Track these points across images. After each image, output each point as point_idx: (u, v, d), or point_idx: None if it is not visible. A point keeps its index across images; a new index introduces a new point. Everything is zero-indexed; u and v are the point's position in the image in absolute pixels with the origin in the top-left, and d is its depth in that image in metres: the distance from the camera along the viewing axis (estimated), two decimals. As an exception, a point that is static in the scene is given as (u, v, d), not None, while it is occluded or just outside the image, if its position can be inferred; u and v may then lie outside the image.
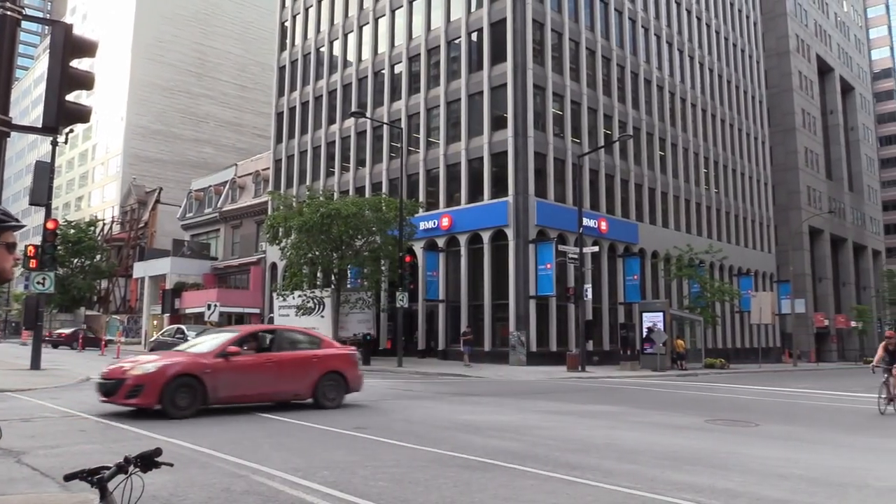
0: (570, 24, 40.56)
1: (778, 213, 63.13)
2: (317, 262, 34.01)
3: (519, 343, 34.48)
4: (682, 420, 13.04)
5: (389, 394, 17.29)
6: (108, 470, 2.75)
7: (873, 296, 78.05)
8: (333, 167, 46.77)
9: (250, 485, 6.54)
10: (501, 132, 37.11)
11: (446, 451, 8.46)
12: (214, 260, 57.28)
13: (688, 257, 42.58)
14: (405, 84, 42.62)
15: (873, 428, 12.83)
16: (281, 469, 7.19)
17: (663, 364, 33.24)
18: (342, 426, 10.67)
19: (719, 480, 7.12)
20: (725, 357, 43.01)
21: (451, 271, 38.72)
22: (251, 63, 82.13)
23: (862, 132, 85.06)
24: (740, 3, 60.49)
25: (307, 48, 50.64)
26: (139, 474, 2.81)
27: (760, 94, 61.94)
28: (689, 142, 50.06)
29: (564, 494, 6.35)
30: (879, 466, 8.37)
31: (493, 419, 12.25)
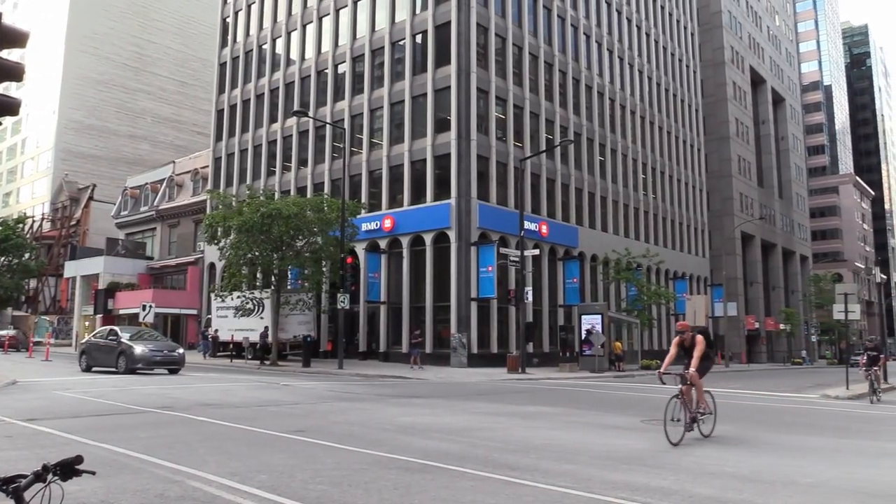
0: (513, 30, 40.96)
1: (712, 219, 64.95)
2: (256, 262, 33.49)
3: (460, 345, 34.61)
4: (619, 420, 13.31)
5: (329, 396, 17.16)
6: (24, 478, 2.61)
7: (801, 299, 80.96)
8: (275, 166, 46.17)
9: (185, 490, 6.41)
10: (445, 135, 37.22)
11: (386, 454, 8.45)
12: (150, 259, 55.90)
13: (626, 261, 43.42)
14: (349, 84, 42.37)
15: (801, 426, 13.32)
16: (217, 473, 7.06)
17: (601, 365, 33.83)
18: (281, 429, 10.54)
19: (653, 479, 7.29)
20: (661, 358, 43.89)
21: (393, 273, 38.64)
22: (191, 58, 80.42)
23: (791, 142, 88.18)
24: (679, 14, 62.11)
25: (249, 45, 49.88)
26: (59, 483, 2.71)
27: (697, 103, 63.67)
28: (627, 148, 51.10)
29: (503, 495, 6.41)
30: (805, 463, 8.69)
31: (433, 421, 12.28)
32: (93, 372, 24.19)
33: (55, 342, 48.31)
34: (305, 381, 22.58)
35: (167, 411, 12.70)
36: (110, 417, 11.93)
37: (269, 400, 15.66)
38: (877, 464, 9.02)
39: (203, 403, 14.26)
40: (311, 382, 22.19)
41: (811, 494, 6.85)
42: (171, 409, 12.96)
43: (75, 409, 12.96)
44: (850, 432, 12.63)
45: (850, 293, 25.70)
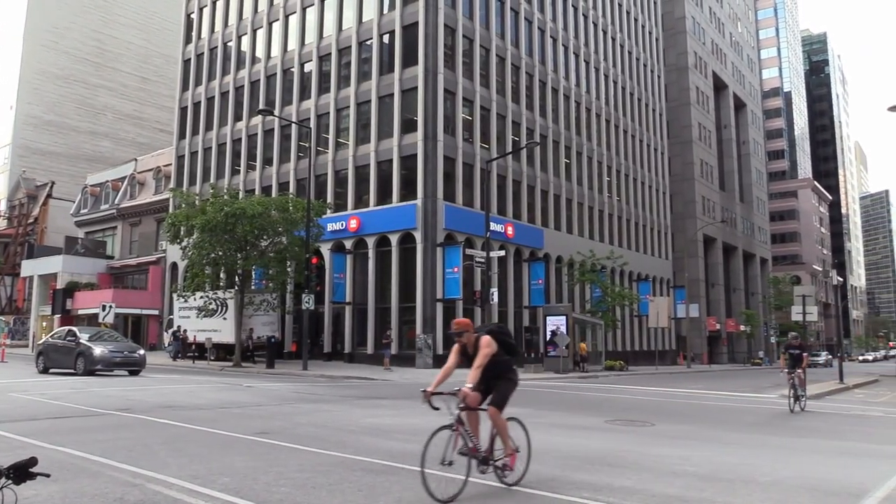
0: (481, 31, 41.08)
1: (675, 222, 65.87)
2: (220, 262, 33.07)
3: (426, 346, 34.60)
4: (583, 421, 13.41)
5: (293, 397, 17.02)
6: None
7: (760, 301, 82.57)
8: (239, 165, 45.69)
9: (145, 494, 6.30)
10: (411, 135, 37.18)
11: (351, 455, 8.40)
12: (111, 259, 54.90)
13: (590, 263, 43.83)
14: (315, 83, 42.11)
15: (760, 425, 13.56)
16: (178, 476, 6.95)
17: (566, 366, 34.07)
18: (244, 431, 10.43)
19: (617, 479, 7.36)
20: (624, 359, 44.54)
21: (359, 273, 38.49)
22: (154, 54, 79.14)
23: (752, 146, 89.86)
24: (643, 19, 62.87)
25: (214, 42, 49.29)
26: (12, 487, 2.64)
27: (661, 107, 64.51)
28: (592, 151, 51.58)
29: (468, 495, 6.41)
30: (764, 462, 8.86)
31: (398, 422, 12.25)
32: (50, 373, 23.67)
33: (11, 343, 47.18)
34: (269, 383, 22.37)
35: (127, 413, 12.48)
36: (68, 420, 11.68)
37: (232, 401, 15.48)
38: (833, 462, 9.22)
39: (164, 405, 14.04)
40: (274, 384, 21.99)
41: (769, 493, 6.97)
42: (131, 412, 12.74)
43: (32, 412, 12.67)
44: (808, 431, 12.88)
45: (807, 295, 26.28)
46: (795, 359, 16.41)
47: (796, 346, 16.78)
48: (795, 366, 16.28)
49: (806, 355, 16.69)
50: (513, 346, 7.03)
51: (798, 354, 16.51)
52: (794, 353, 16.53)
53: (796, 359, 16.41)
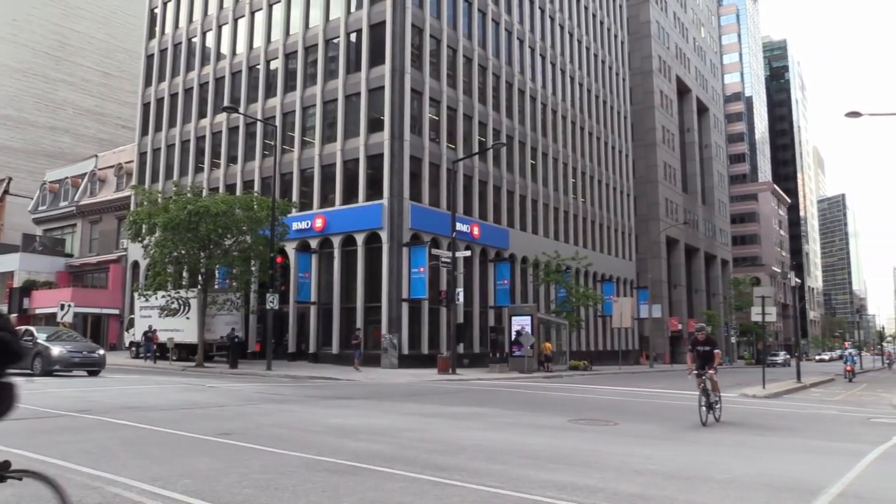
0: (448, 31, 41.13)
1: (638, 223, 66.63)
2: (182, 261, 32.63)
3: (391, 346, 34.54)
4: (548, 420, 13.51)
5: (257, 398, 16.87)
6: None
7: (721, 302, 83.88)
8: (203, 163, 45.13)
9: (104, 497, 6.20)
10: (378, 135, 37.09)
11: (315, 456, 8.35)
12: (70, 257, 53.85)
13: (555, 263, 44.13)
14: (281, 81, 41.77)
15: (721, 424, 13.78)
16: (139, 479, 6.85)
17: (531, 366, 34.27)
18: (206, 432, 10.31)
19: (580, 478, 7.43)
20: (588, 359, 44.92)
21: (324, 273, 38.28)
22: (116, 49, 77.71)
23: (714, 150, 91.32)
24: (609, 22, 63.51)
25: (178, 37, 48.61)
26: None
27: (625, 110, 65.23)
28: (558, 152, 51.96)
29: (432, 496, 6.43)
30: (723, 460, 9.02)
31: (362, 422, 12.22)
32: (6, 374, 23.09)
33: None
34: (232, 383, 22.14)
35: (86, 415, 12.26)
36: (24, 422, 11.42)
37: (194, 402, 15.30)
38: (789, 459, 9.42)
39: (125, 406, 13.82)
40: (238, 384, 21.77)
41: (728, 490, 7.10)
42: (90, 413, 12.51)
43: (-14, 413, 12.35)
44: (767, 429, 13.15)
45: (766, 296, 26.79)
46: (705, 357, 13.48)
47: (703, 342, 13.71)
48: (705, 366, 13.32)
49: (718, 353, 13.65)
50: None
51: (708, 352, 13.52)
52: (703, 351, 13.57)
53: (706, 357, 13.49)
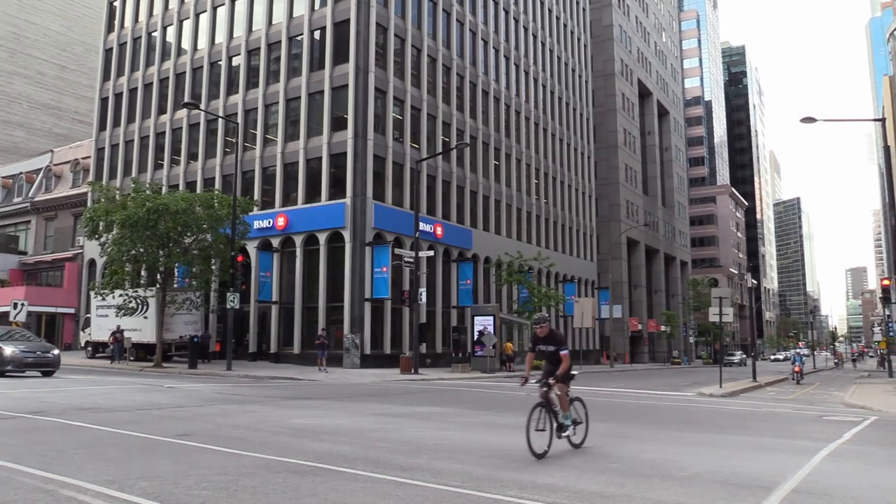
0: (412, 31, 41.10)
1: (600, 225, 67.34)
2: (141, 259, 32.04)
3: (353, 345, 34.40)
4: (509, 420, 13.57)
5: (216, 398, 16.67)
6: None
7: (680, 303, 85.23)
8: (163, 159, 44.42)
9: (58, 500, 6.07)
10: (341, 133, 36.91)
11: (275, 457, 8.28)
12: (23, 254, 52.57)
13: (518, 264, 44.38)
14: (243, 78, 41.32)
15: (679, 423, 14.02)
16: (94, 482, 6.71)
17: (492, 366, 34.43)
18: (164, 433, 10.16)
19: (541, 476, 7.49)
20: (550, 359, 45.18)
21: (286, 272, 37.97)
22: (74, 42, 76.06)
23: (674, 153, 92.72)
24: (573, 25, 64.10)
25: (138, 32, 47.76)
26: None
27: (588, 112, 65.88)
28: (521, 153, 52.27)
29: (395, 496, 6.42)
30: (681, 458, 9.17)
31: (324, 423, 12.15)
32: (-45, 374, 22.49)
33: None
34: (191, 384, 21.83)
35: (40, 416, 11.98)
36: (-25, 422, 11.14)
37: (152, 403, 15.06)
38: (746, 456, 9.61)
39: (80, 407, 13.55)
40: (197, 384, 21.48)
41: (686, 487, 7.22)
42: (44, 414, 12.23)
43: (-65, 414, 12.03)
44: (724, 428, 13.40)
45: (724, 297, 27.30)
46: (551, 360, 9.26)
47: (544, 339, 9.29)
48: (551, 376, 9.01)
49: (565, 354, 9.11)
50: None
51: (552, 353, 9.22)
52: (548, 351, 9.27)
53: (552, 361, 9.25)
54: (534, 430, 8.57)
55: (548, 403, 8.92)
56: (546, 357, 9.45)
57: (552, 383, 9.00)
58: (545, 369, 9.33)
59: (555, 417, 9.05)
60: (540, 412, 8.77)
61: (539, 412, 8.76)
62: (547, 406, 8.89)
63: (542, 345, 9.40)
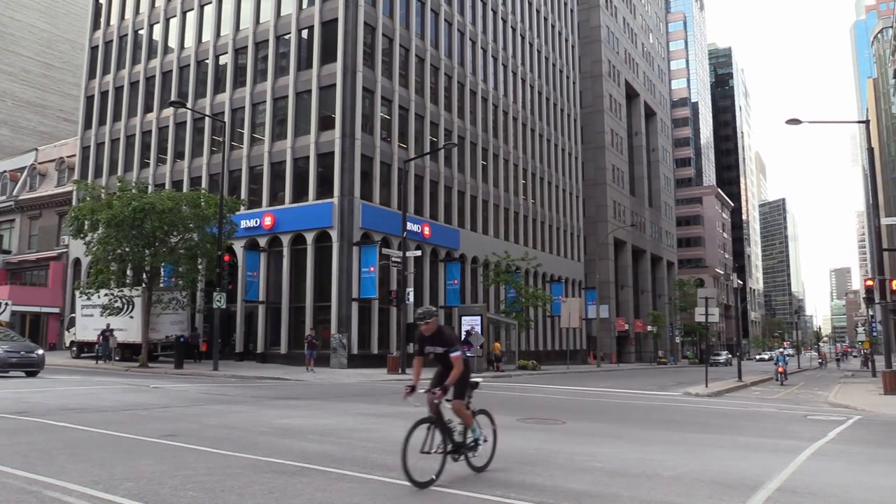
0: (401, 31, 41.07)
1: (587, 225, 67.54)
2: (126, 258, 31.82)
3: (340, 345, 34.33)
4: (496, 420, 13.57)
5: (203, 399, 16.59)
6: None
7: (667, 303, 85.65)
8: (149, 158, 44.15)
9: (42, 501, 6.02)
10: (329, 133, 36.83)
11: (262, 457, 8.26)
12: (7, 253, 52.08)
13: (505, 264, 44.43)
14: (230, 76, 41.14)
15: (666, 422, 14.09)
16: (79, 482, 6.67)
17: (480, 366, 34.44)
18: (149, 434, 10.11)
19: (528, 476, 7.51)
20: (537, 359, 45.39)
21: (273, 272, 37.84)
22: (59, 40, 75.45)
23: (661, 154, 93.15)
24: (560, 26, 64.25)
25: (124, 29, 47.45)
26: None
27: (575, 113, 66.06)
28: (509, 153, 52.34)
29: (381, 496, 6.42)
30: (667, 457, 9.21)
31: (311, 423, 12.12)
32: (-62, 374, 22.28)
33: None
34: (178, 384, 21.72)
35: (24, 417, 11.89)
36: (-42, 423, 11.04)
37: (137, 403, 14.97)
38: (731, 456, 9.67)
39: (64, 408, 13.45)
40: (183, 384, 21.38)
41: (672, 486, 7.26)
42: (28, 415, 12.14)
43: (-83, 415, 11.90)
44: (710, 427, 13.47)
45: (710, 297, 27.45)
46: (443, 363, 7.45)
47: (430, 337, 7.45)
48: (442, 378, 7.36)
49: (457, 356, 7.27)
50: None
51: (442, 355, 7.40)
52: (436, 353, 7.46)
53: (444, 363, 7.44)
54: (416, 451, 6.68)
55: (438, 418, 7.06)
56: (437, 360, 7.50)
57: (439, 395, 7.00)
58: (436, 375, 7.49)
59: (449, 436, 7.19)
60: (428, 430, 6.91)
61: (426, 430, 6.89)
62: (437, 421, 7.04)
63: (429, 345, 7.43)
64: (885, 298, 24.20)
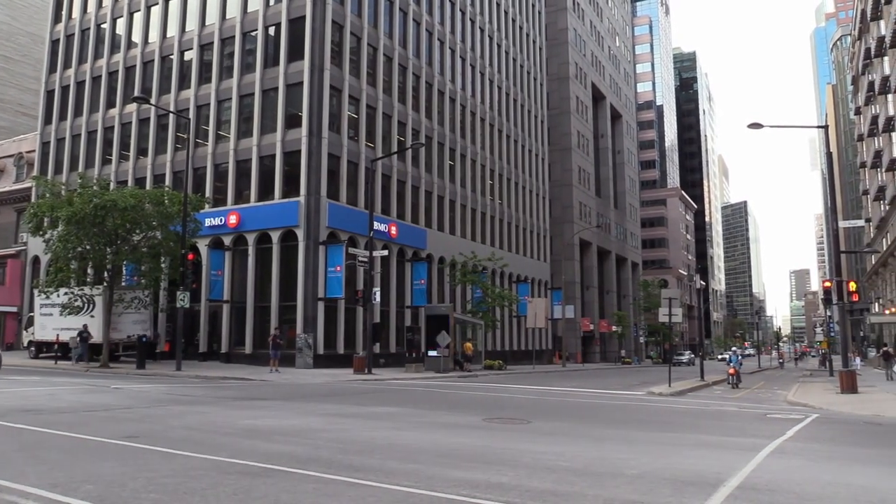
0: (369, 29, 40.94)
1: (553, 226, 67.99)
2: (87, 256, 31.26)
3: (306, 345, 34.11)
4: (462, 419, 13.63)
5: (166, 399, 16.37)
6: None
7: (631, 303, 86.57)
8: (111, 155, 43.39)
9: None
10: (295, 131, 36.56)
11: (226, 458, 8.17)
12: (-38, 250, 50.80)
13: (472, 264, 44.54)
14: (195, 73, 40.62)
15: (630, 421, 14.25)
16: (37, 485, 6.53)
17: (446, 366, 34.50)
18: (110, 435, 9.94)
19: (493, 476, 7.54)
20: (503, 359, 45.57)
21: (238, 271, 37.45)
22: (19, 32, 73.75)
23: (626, 156, 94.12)
24: (528, 28, 64.60)
25: (86, 23, 46.57)
26: None
27: (542, 115, 66.47)
28: (476, 154, 52.48)
29: (346, 496, 6.40)
30: (631, 456, 9.32)
31: (276, 423, 12.03)
32: None
33: None
34: (140, 384, 21.39)
35: (-21, 417, 11.61)
36: (-90, 425, 10.75)
37: (98, 404, 14.71)
38: (693, 454, 9.82)
39: (23, 409, 13.16)
40: (146, 385, 21.06)
41: (635, 484, 7.35)
42: (-16, 415, 11.86)
43: None
44: (673, 426, 13.66)
45: (673, 298, 27.81)
46: None
47: None
48: None
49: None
50: None
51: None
52: None
53: None
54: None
55: None
56: None
57: None
58: None
59: None
60: None
61: None
62: None
63: None
64: (843, 300, 24.75)
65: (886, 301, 59.01)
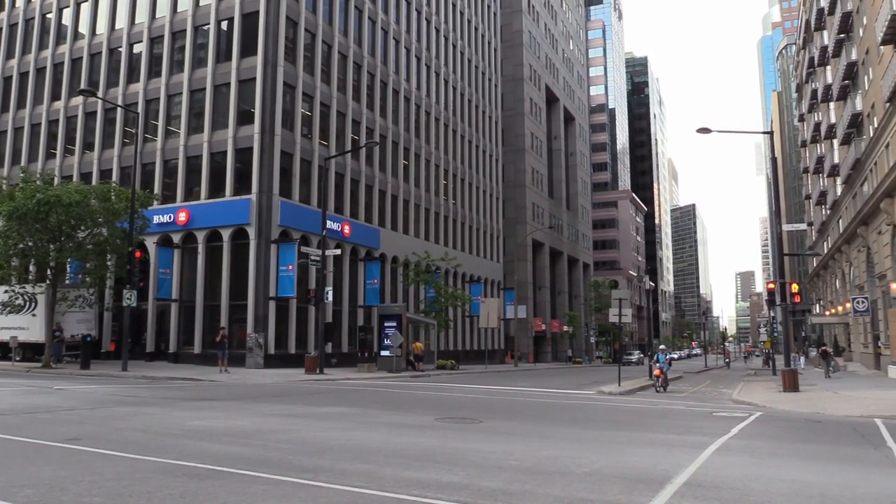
0: (323, 27, 40.62)
1: (506, 226, 68.45)
2: (29, 253, 30.36)
3: (257, 345, 33.69)
4: (414, 419, 13.61)
5: (110, 401, 15.98)
6: None
7: (583, 304, 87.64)
8: (55, 149, 42.21)
9: (-67, 508, 5.69)
10: (247, 127, 36.08)
11: (173, 460, 8.01)
12: None
13: (425, 264, 44.55)
14: (144, 66, 39.76)
15: (580, 420, 14.41)
16: (-26, 488, 6.32)
17: (399, 366, 34.44)
18: (52, 438, 9.65)
19: (445, 475, 7.54)
20: (456, 358, 45.70)
21: (187, 269, 36.80)
22: (-44, 21, 71.29)
23: (579, 158, 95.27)
24: (484, 29, 64.89)
25: (31, 12, 45.20)
26: None
27: (497, 116, 66.84)
28: (431, 154, 52.51)
29: (297, 498, 6.33)
30: (580, 454, 9.43)
31: (225, 424, 11.84)
32: None
33: None
34: (84, 385, 20.85)
35: (-88, 419, 11.17)
36: None
37: (39, 406, 14.28)
38: (642, 452, 9.98)
39: (-42, 409, 12.71)
40: (90, 386, 20.53)
41: (585, 482, 7.43)
42: (-83, 417, 11.42)
43: None
44: (622, 424, 13.86)
45: (623, 298, 28.21)
46: None
47: None
48: None
49: None
50: None
51: None
52: None
53: None
54: None
55: None
56: None
57: None
58: None
59: None
60: None
61: None
62: None
63: None
64: (786, 301, 25.44)
65: (827, 302, 60.93)
